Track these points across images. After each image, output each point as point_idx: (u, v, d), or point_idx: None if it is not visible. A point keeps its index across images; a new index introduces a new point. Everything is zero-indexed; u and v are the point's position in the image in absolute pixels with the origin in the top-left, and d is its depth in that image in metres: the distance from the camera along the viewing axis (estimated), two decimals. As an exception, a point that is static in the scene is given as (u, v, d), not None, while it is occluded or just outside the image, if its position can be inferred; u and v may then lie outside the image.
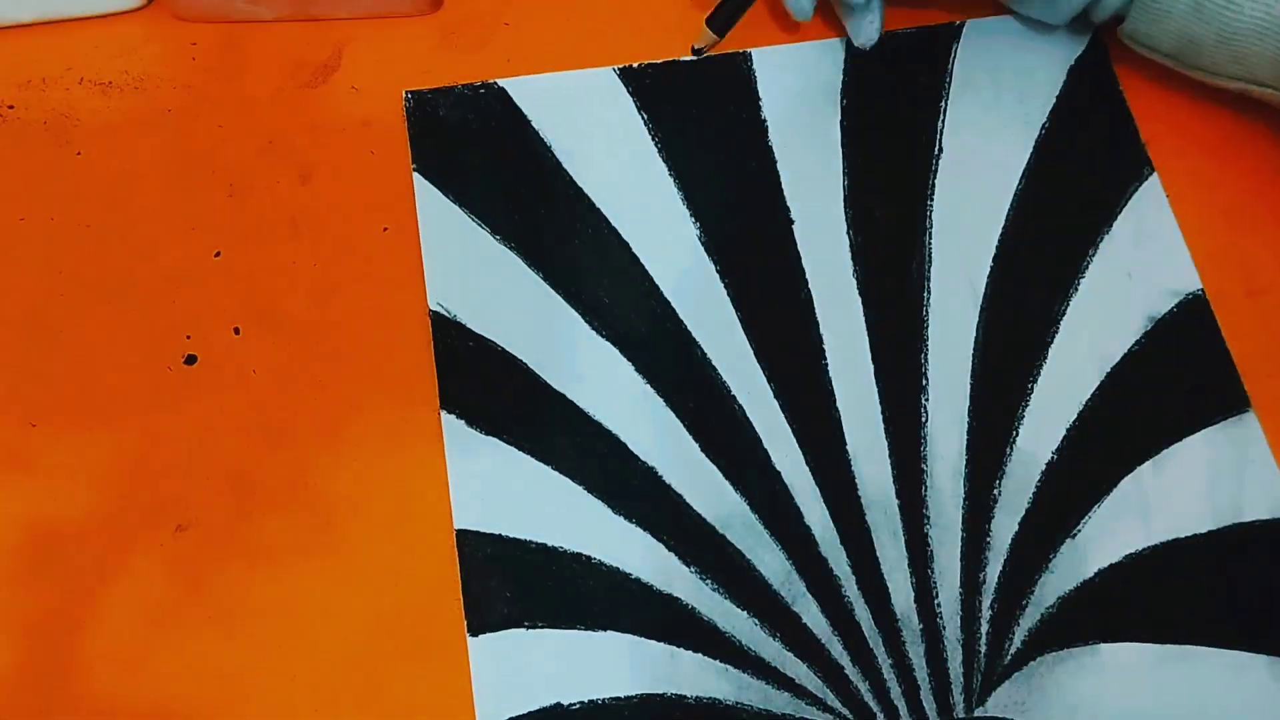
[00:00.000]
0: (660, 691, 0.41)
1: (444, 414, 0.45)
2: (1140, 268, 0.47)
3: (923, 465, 0.44)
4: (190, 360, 0.46)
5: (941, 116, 0.50)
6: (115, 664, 0.42)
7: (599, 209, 0.48)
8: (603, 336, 0.46)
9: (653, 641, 0.42)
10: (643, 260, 0.47)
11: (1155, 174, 0.49)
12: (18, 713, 0.41)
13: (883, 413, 0.45)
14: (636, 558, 0.43)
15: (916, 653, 0.41)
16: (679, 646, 0.42)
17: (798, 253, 0.48)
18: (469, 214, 0.48)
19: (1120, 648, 0.41)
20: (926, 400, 0.45)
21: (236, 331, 0.46)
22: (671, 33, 0.52)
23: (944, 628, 0.42)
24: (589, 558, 0.43)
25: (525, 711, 0.40)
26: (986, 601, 0.42)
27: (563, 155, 0.49)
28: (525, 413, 0.45)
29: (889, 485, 0.44)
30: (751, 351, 0.46)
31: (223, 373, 0.46)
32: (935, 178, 0.49)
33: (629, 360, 0.46)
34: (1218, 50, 0.43)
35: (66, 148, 0.50)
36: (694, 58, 0.50)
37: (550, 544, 0.43)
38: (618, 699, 0.41)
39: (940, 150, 0.49)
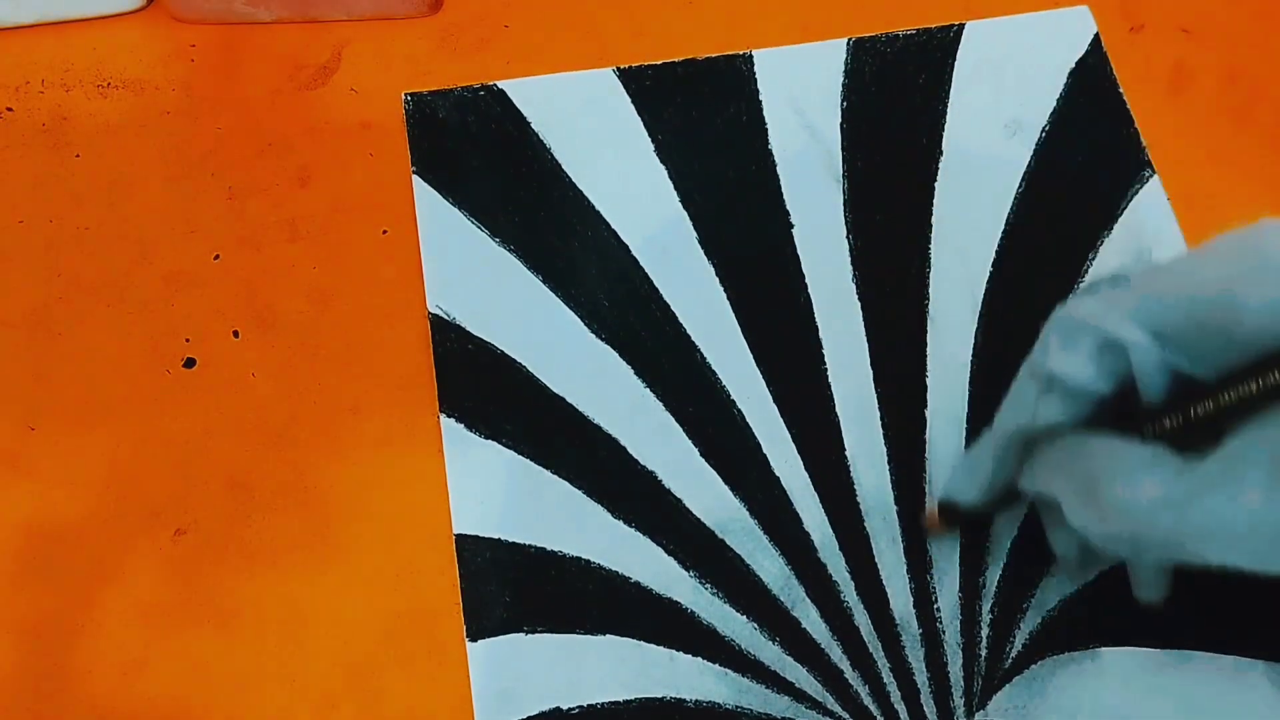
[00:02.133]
0: (659, 695, 0.41)
1: (443, 417, 0.45)
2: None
3: (922, 471, 0.44)
4: (189, 363, 0.46)
5: (942, 119, 0.50)
6: (114, 667, 0.41)
7: (598, 211, 0.48)
8: (602, 339, 0.46)
9: (652, 645, 0.42)
10: (642, 263, 0.47)
11: (1156, 176, 0.49)
12: (18, 714, 0.41)
13: (882, 418, 0.45)
14: (636, 562, 0.43)
15: (916, 657, 0.41)
16: (678, 650, 0.41)
17: (797, 256, 0.47)
18: (468, 216, 0.48)
19: (1121, 652, 0.41)
20: (926, 405, 0.45)
21: (235, 334, 0.46)
22: (671, 33, 0.52)
23: (944, 632, 0.42)
24: (588, 562, 0.43)
25: (525, 716, 0.40)
26: (986, 606, 0.42)
27: (562, 157, 0.49)
28: (525, 416, 0.45)
29: (888, 491, 0.44)
30: (751, 356, 0.46)
31: (222, 376, 0.46)
32: (936, 181, 0.49)
33: (628, 363, 0.46)
34: None
35: (65, 150, 0.50)
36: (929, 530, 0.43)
37: (549, 548, 0.43)
38: (617, 703, 0.41)
39: (941, 153, 0.49)
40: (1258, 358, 0.31)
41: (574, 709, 0.41)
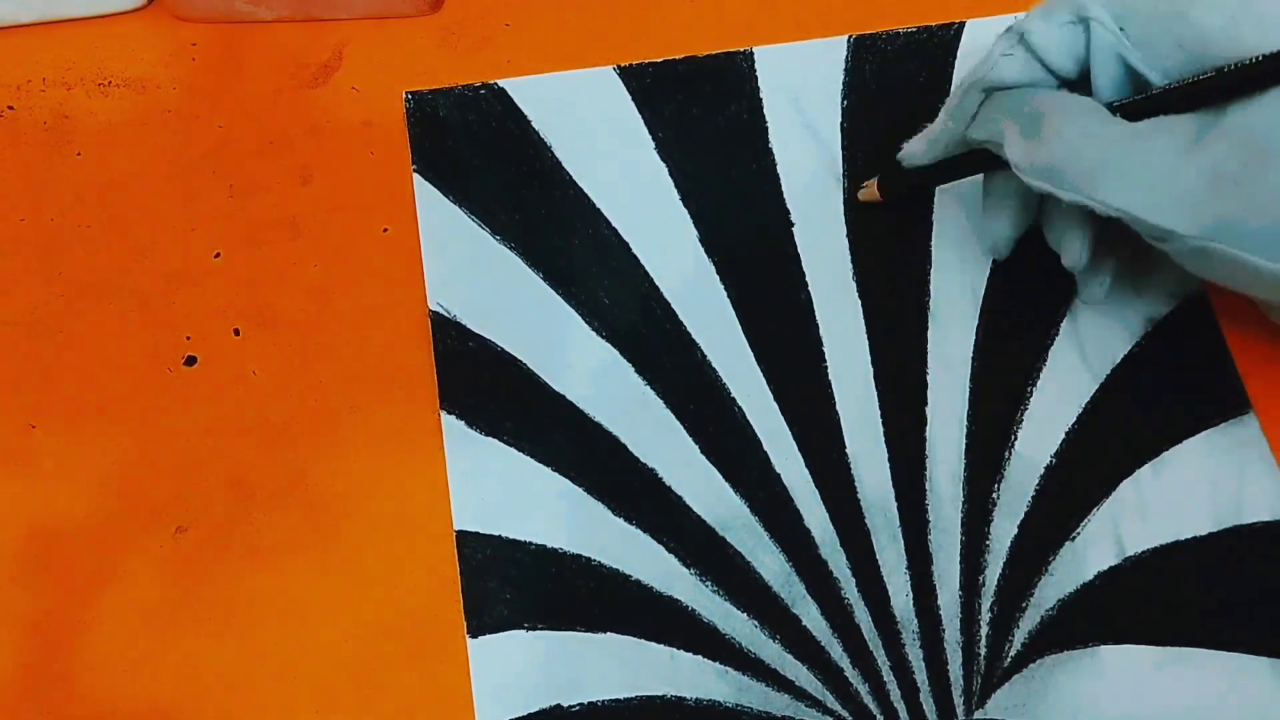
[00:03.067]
0: (660, 693, 0.41)
1: (444, 414, 0.45)
2: (1141, 269, 0.47)
3: (922, 468, 0.44)
4: (190, 361, 0.46)
5: (942, 117, 0.50)
6: (115, 665, 0.42)
7: (599, 209, 0.48)
8: (602, 337, 0.46)
9: (652, 643, 0.42)
10: (642, 261, 0.47)
11: (1156, 175, 0.49)
12: (18, 713, 0.41)
13: (882, 415, 0.45)
14: (636, 559, 0.43)
15: (916, 655, 0.41)
16: (679, 648, 0.42)
17: (798, 254, 0.47)
18: (469, 214, 0.48)
19: (1121, 650, 0.41)
20: (926, 403, 0.45)
21: (236, 333, 0.46)
22: (672, 31, 0.52)
23: (944, 630, 0.42)
24: (589, 559, 0.43)
25: (525, 713, 0.40)
26: (986, 604, 0.42)
27: (563, 155, 0.49)
28: (525, 413, 0.45)
29: (888, 488, 0.44)
30: (751, 353, 0.46)
31: (222, 374, 0.46)
32: (936, 178, 0.49)
33: (629, 361, 0.46)
34: None
35: (66, 148, 0.50)
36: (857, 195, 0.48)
37: (550, 545, 0.43)
38: (617, 700, 0.41)
39: (941, 151, 0.49)
40: (1199, 72, 0.37)
41: (574, 706, 0.41)
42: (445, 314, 0.46)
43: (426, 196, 0.48)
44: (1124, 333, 0.46)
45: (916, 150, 0.44)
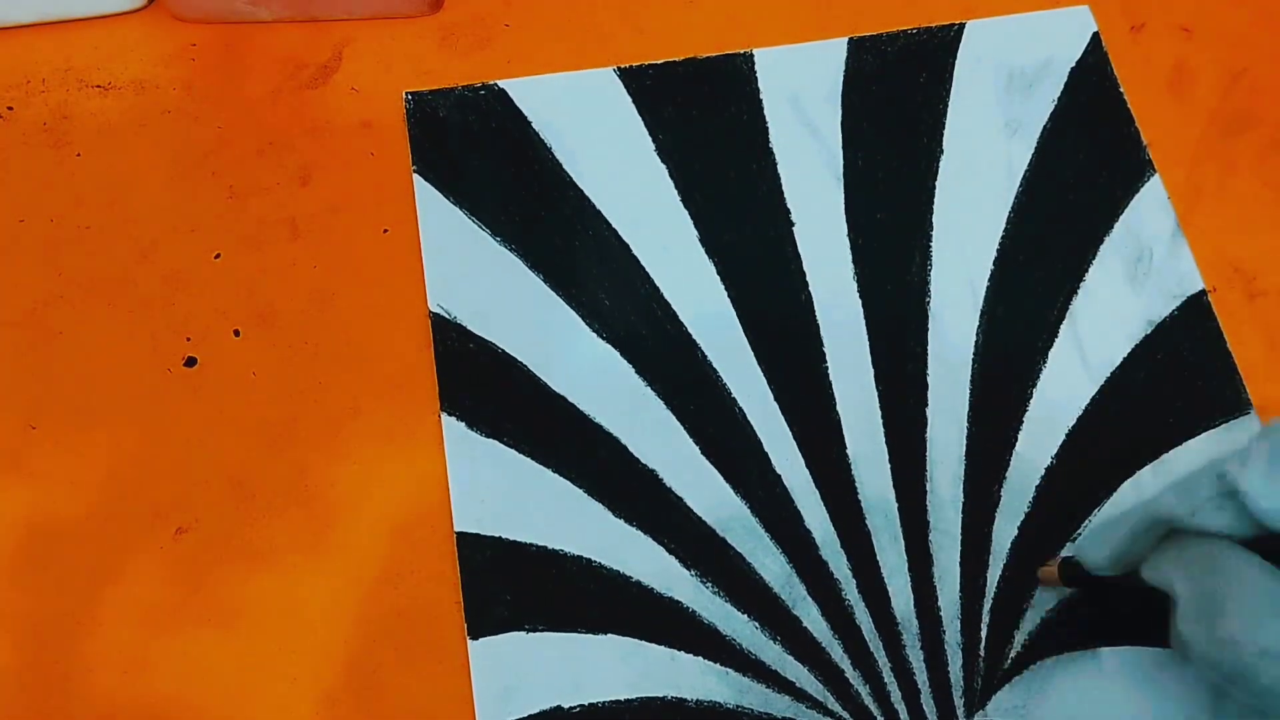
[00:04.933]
0: (660, 694, 0.41)
1: (444, 416, 0.45)
2: (1141, 270, 0.47)
3: (923, 469, 0.44)
4: (190, 362, 0.46)
5: (942, 118, 0.50)
6: (115, 666, 0.42)
7: (599, 210, 0.48)
8: (603, 338, 0.46)
9: (653, 644, 0.42)
10: (643, 262, 0.47)
11: (1156, 175, 0.49)
12: (18, 714, 0.41)
13: (883, 416, 0.45)
14: (637, 561, 0.43)
15: (917, 656, 0.41)
16: (679, 649, 0.42)
17: (798, 254, 0.47)
18: (469, 215, 0.48)
19: (1121, 651, 0.41)
20: (926, 404, 0.45)
21: (236, 333, 0.46)
22: (672, 32, 0.52)
23: (944, 631, 0.42)
24: (589, 561, 0.43)
25: (525, 715, 0.40)
26: (987, 605, 0.42)
27: (563, 156, 0.49)
28: (526, 415, 0.45)
29: (889, 489, 0.44)
30: (752, 354, 0.46)
31: (223, 375, 0.46)
32: (936, 179, 0.49)
33: (629, 362, 0.46)
34: None
35: (66, 149, 0.50)
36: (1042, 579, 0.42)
37: (550, 547, 0.43)
38: (618, 702, 0.41)
39: (941, 152, 0.49)
40: None
41: (575, 708, 0.41)
42: (445, 315, 0.46)
43: (427, 197, 0.48)
44: (1124, 334, 0.46)
45: (1093, 557, 0.39)
